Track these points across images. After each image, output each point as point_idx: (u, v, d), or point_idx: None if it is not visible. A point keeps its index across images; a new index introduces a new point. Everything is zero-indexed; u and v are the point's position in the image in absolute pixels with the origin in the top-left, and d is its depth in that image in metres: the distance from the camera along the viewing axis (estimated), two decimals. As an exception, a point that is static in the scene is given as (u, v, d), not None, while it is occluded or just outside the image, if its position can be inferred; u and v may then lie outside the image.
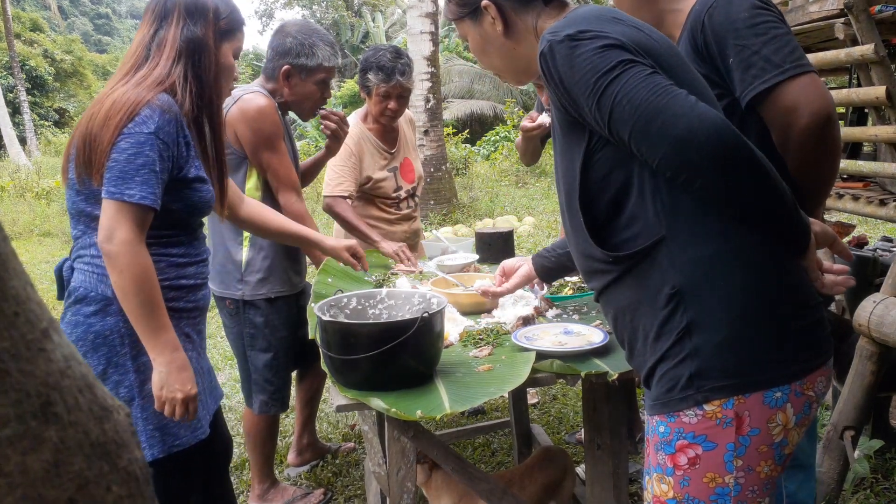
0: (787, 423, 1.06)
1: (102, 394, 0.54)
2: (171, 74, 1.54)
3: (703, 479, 1.07)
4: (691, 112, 0.97)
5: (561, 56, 1.05)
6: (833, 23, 2.98)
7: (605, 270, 1.15)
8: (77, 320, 1.53)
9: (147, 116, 1.46)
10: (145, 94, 1.49)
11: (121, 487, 0.53)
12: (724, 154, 0.97)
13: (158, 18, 1.57)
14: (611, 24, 1.08)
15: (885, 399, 2.57)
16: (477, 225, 7.62)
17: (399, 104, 2.77)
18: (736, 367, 1.03)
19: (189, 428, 1.59)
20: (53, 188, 12.48)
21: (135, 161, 1.44)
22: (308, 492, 2.64)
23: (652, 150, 1.00)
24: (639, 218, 1.08)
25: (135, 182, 1.43)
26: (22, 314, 0.47)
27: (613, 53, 1.02)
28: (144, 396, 1.54)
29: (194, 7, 1.57)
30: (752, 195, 1.02)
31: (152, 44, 1.56)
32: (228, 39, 1.64)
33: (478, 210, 9.50)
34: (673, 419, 1.08)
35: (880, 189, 3.33)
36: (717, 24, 1.34)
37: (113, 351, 1.53)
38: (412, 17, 8.58)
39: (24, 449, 0.47)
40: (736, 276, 1.05)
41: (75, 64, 29.95)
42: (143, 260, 1.45)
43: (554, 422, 3.24)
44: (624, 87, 1.00)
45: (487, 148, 15.28)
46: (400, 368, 1.44)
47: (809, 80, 1.30)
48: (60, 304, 1.62)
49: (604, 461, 1.67)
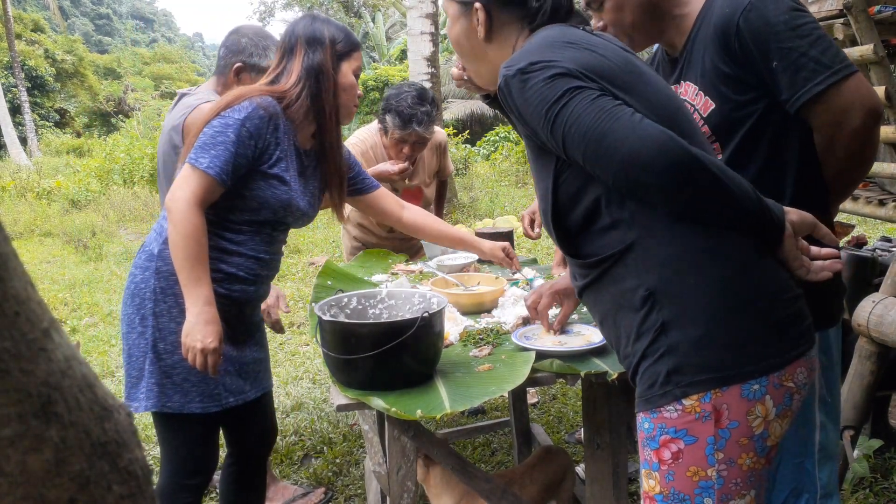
0: (766, 415, 1.07)
1: (103, 394, 0.54)
2: (291, 90, 1.72)
3: (686, 472, 1.09)
4: (633, 133, 1.01)
5: (515, 90, 1.11)
6: (832, 23, 2.98)
7: (583, 275, 1.19)
8: (133, 269, 1.74)
9: (243, 107, 1.64)
10: (253, 93, 1.68)
11: (121, 487, 0.53)
12: (670, 170, 1.00)
13: (287, 54, 1.76)
14: (561, 50, 1.11)
15: (884, 398, 2.57)
16: (477, 225, 7.62)
17: (414, 150, 2.69)
18: (712, 362, 1.05)
19: (184, 397, 1.70)
20: (54, 188, 12.48)
21: (216, 138, 1.62)
22: (308, 491, 2.64)
23: (603, 172, 1.05)
24: (610, 228, 1.12)
25: (209, 154, 1.60)
26: (23, 314, 0.47)
27: (561, 83, 1.06)
28: (156, 353, 1.68)
29: (312, 37, 1.74)
30: (709, 202, 1.05)
31: (282, 74, 1.75)
32: (346, 60, 1.78)
33: (478, 210, 9.50)
34: (655, 415, 1.10)
35: (879, 189, 3.33)
36: (755, 26, 1.31)
37: (143, 304, 1.69)
38: (412, 18, 8.58)
39: (24, 448, 0.47)
40: (706, 272, 1.07)
41: (76, 64, 29.96)
42: (196, 219, 1.59)
43: (554, 421, 3.24)
44: (572, 115, 1.04)
45: (487, 148, 15.28)
46: (400, 368, 1.45)
47: (859, 79, 1.30)
48: (62, 304, 1.66)
49: (603, 460, 1.67)
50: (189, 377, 1.69)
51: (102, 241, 8.63)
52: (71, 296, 5.99)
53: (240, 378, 1.79)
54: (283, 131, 1.71)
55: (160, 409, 1.68)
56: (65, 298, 5.86)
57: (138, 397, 1.69)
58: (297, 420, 3.34)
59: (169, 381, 1.68)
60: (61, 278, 6.75)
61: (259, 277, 1.79)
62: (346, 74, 1.78)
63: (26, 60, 25.23)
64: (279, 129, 1.70)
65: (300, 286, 6.08)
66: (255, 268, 1.76)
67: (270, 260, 1.81)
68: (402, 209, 2.18)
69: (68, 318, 5.34)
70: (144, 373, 1.68)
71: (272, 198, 1.71)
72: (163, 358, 1.68)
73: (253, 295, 1.80)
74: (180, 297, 1.62)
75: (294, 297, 5.74)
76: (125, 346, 1.74)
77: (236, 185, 1.66)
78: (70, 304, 5.74)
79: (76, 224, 9.63)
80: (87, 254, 8.02)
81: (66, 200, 11.61)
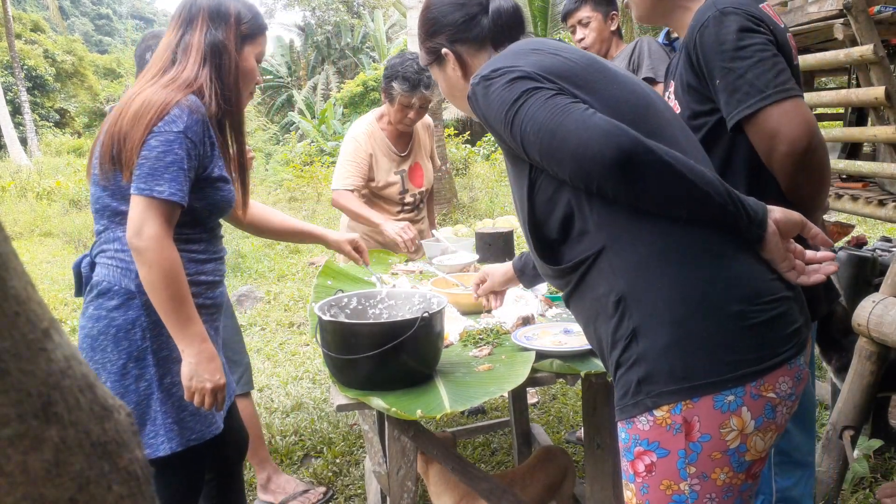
0: (743, 429, 1.02)
1: (103, 393, 0.54)
2: (199, 77, 1.59)
3: (660, 486, 1.06)
4: (582, 125, 1.00)
5: (480, 96, 1.13)
6: (832, 23, 2.98)
7: (563, 284, 1.18)
8: (99, 314, 1.56)
9: (176, 116, 1.50)
10: (175, 94, 1.53)
11: (121, 487, 0.53)
12: (619, 160, 0.98)
13: (184, 24, 1.62)
14: (525, 56, 1.14)
15: (884, 399, 2.57)
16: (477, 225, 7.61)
17: (418, 114, 2.81)
18: (682, 371, 1.01)
19: (205, 422, 1.62)
20: (54, 188, 12.48)
21: (164, 158, 1.48)
22: (309, 487, 2.64)
23: (560, 168, 1.05)
24: (585, 233, 1.10)
25: (164, 179, 1.47)
26: (23, 314, 0.47)
27: (518, 85, 1.07)
28: (164, 390, 1.57)
29: (217, 12, 1.61)
30: (661, 193, 1.01)
31: (178, 48, 1.61)
32: (250, 43, 1.68)
33: (478, 210, 9.50)
34: (630, 425, 1.07)
35: (879, 189, 3.33)
36: (706, 44, 1.34)
37: (134, 345, 1.55)
38: (413, 18, 8.58)
39: (24, 448, 0.47)
40: (673, 275, 1.03)
41: (76, 64, 29.94)
42: (171, 254, 1.48)
43: (554, 421, 3.24)
44: (527, 114, 1.05)
45: (487, 148, 15.27)
46: (400, 368, 1.45)
47: (792, 105, 1.29)
48: (62, 304, 1.64)
49: (603, 460, 1.67)
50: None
51: (102, 242, 8.62)
52: (71, 296, 5.99)
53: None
54: (210, 128, 1.60)
55: (185, 445, 1.58)
56: (65, 298, 5.86)
57: (155, 442, 1.55)
58: (297, 420, 3.34)
59: (187, 414, 1.59)
60: (61, 278, 6.74)
61: (223, 276, 1.76)
62: (247, 58, 1.67)
63: (26, 60, 25.22)
64: (208, 127, 1.59)
65: (300, 286, 6.08)
66: (221, 267, 1.74)
67: (224, 255, 1.78)
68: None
69: (68, 318, 5.34)
70: (152, 415, 1.56)
71: (222, 200, 1.65)
72: (173, 392, 1.57)
73: (225, 293, 1.76)
74: None
75: (294, 297, 5.74)
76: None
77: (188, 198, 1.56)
78: (70, 304, 5.73)
79: (76, 224, 9.62)
80: (87, 254, 8.01)
81: (66, 200, 11.60)
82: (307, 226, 2.21)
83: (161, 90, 1.54)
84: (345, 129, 16.36)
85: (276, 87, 24.96)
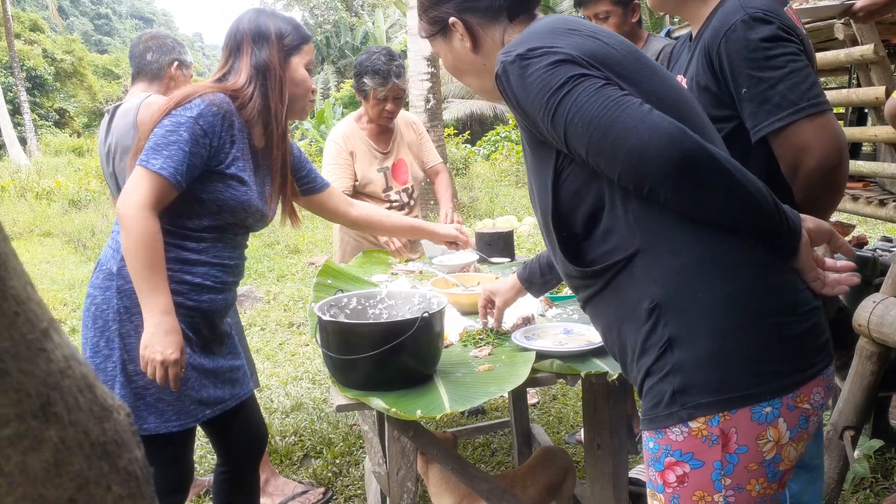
0: (779, 439, 1.01)
1: (102, 393, 0.54)
2: (244, 88, 1.67)
3: (692, 497, 1.03)
4: (642, 124, 0.94)
5: (514, 77, 1.04)
6: (833, 23, 2.98)
7: (585, 286, 1.13)
8: (90, 290, 1.66)
9: (195, 104, 1.58)
10: (205, 89, 1.62)
11: (121, 487, 0.53)
12: (680, 163, 0.93)
13: (233, 53, 1.71)
14: (564, 36, 1.05)
15: (884, 399, 2.57)
16: (477, 225, 7.62)
17: (395, 105, 2.83)
18: (720, 382, 0.99)
19: (161, 417, 1.63)
20: (53, 188, 12.48)
21: (168, 137, 1.55)
22: (308, 489, 2.64)
23: (609, 166, 0.98)
24: (614, 231, 1.05)
25: (161, 155, 1.53)
26: (22, 314, 0.47)
27: (563, 69, 1.00)
28: (126, 376, 1.60)
29: (258, 33, 1.69)
30: (719, 201, 0.98)
31: (230, 73, 1.70)
32: (296, 55, 1.73)
33: (478, 210, 9.50)
34: (661, 435, 1.04)
35: (880, 189, 3.33)
36: (733, 49, 1.30)
37: (106, 325, 1.61)
38: (412, 17, 8.58)
39: (24, 448, 0.47)
40: (716, 285, 1.00)
41: (75, 64, 29.95)
42: (151, 225, 1.52)
43: (554, 422, 3.24)
44: (575, 104, 0.98)
45: (487, 148, 15.28)
46: (400, 368, 1.44)
47: (825, 120, 1.27)
48: (61, 304, 1.66)
49: (603, 461, 1.67)
50: (163, 396, 1.61)
51: (102, 241, 8.62)
52: (71, 296, 5.99)
53: (216, 388, 1.74)
54: (237, 129, 1.66)
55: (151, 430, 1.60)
56: (65, 298, 5.86)
57: None
58: (296, 420, 3.33)
59: (142, 403, 1.60)
60: (61, 278, 6.75)
61: (226, 285, 1.74)
62: (296, 69, 1.73)
63: (25, 60, 25.22)
64: (234, 126, 1.64)
65: (300, 286, 6.08)
66: (221, 275, 1.71)
67: (236, 266, 1.77)
68: (350, 206, 2.14)
69: (68, 318, 5.34)
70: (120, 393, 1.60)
71: (231, 199, 1.65)
72: (134, 380, 1.59)
73: (222, 303, 1.74)
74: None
75: (294, 297, 5.74)
76: None
77: (192, 187, 1.59)
78: (70, 304, 5.73)
79: (76, 224, 9.63)
80: (86, 254, 8.02)
81: (66, 200, 11.61)
82: (418, 221, 2.45)
83: (194, 86, 1.64)
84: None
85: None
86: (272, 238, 8.14)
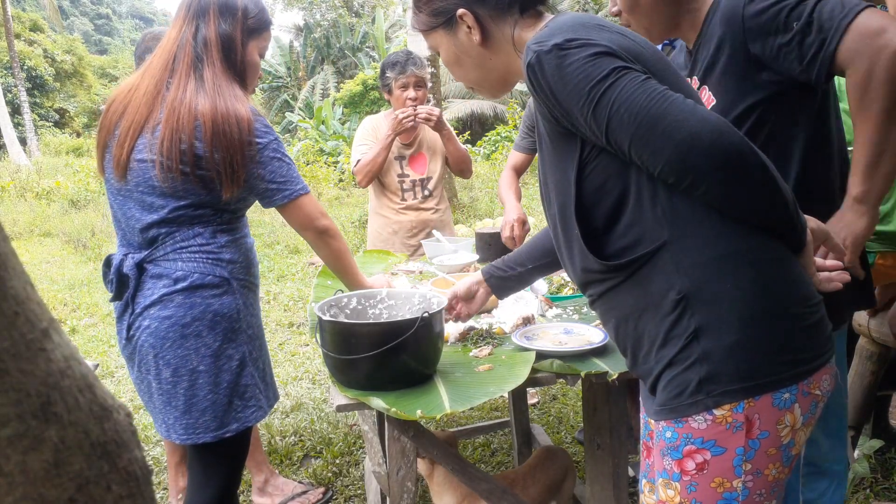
0: (794, 424, 1.05)
1: (102, 393, 0.54)
2: (234, 80, 1.65)
3: (710, 484, 1.05)
4: (692, 116, 0.96)
5: (550, 66, 1.02)
6: None
7: (603, 280, 1.13)
8: (194, 302, 1.63)
9: (262, 128, 1.64)
10: (241, 107, 1.60)
11: (121, 487, 0.53)
12: (729, 157, 0.96)
13: (196, 16, 1.63)
14: (597, 31, 1.05)
15: (884, 399, 2.57)
16: (477, 225, 7.62)
17: (418, 93, 2.94)
18: (746, 370, 1.02)
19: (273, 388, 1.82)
20: (53, 188, 12.48)
21: (284, 161, 1.67)
22: (308, 489, 2.64)
23: (654, 157, 0.99)
24: (637, 225, 1.06)
25: (296, 177, 1.70)
26: (22, 314, 0.47)
27: (605, 61, 1.00)
28: (254, 361, 1.73)
29: (225, 5, 1.64)
30: (755, 198, 1.01)
31: (197, 43, 1.62)
32: (255, 38, 1.70)
33: (478, 210, 9.50)
34: (681, 424, 1.06)
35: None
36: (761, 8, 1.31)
37: (231, 326, 1.67)
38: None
39: (24, 448, 0.47)
40: (744, 277, 1.03)
41: (75, 64, 29.96)
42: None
43: (554, 422, 3.24)
44: (620, 95, 0.98)
45: (488, 148, 15.28)
46: (400, 368, 1.44)
47: (877, 10, 1.24)
48: (61, 304, 1.64)
49: (603, 461, 1.67)
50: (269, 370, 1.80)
51: (102, 241, 8.63)
52: (71, 296, 5.99)
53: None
54: None
55: (270, 406, 1.77)
56: (65, 298, 5.86)
57: (244, 415, 1.67)
58: (296, 420, 3.34)
59: (269, 378, 1.78)
60: (61, 278, 6.75)
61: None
62: (251, 53, 1.70)
63: (25, 60, 25.22)
64: None
65: (300, 286, 6.08)
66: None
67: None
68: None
69: (68, 318, 5.34)
70: (258, 382, 1.72)
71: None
72: (257, 362, 1.73)
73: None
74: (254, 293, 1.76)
75: (294, 297, 5.74)
76: (188, 386, 1.62)
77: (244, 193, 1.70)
78: (70, 304, 5.73)
79: (76, 224, 9.63)
80: (86, 254, 8.03)
81: (66, 200, 11.61)
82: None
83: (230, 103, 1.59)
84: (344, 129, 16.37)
85: (276, 88, 24.97)
86: (272, 238, 8.14)
